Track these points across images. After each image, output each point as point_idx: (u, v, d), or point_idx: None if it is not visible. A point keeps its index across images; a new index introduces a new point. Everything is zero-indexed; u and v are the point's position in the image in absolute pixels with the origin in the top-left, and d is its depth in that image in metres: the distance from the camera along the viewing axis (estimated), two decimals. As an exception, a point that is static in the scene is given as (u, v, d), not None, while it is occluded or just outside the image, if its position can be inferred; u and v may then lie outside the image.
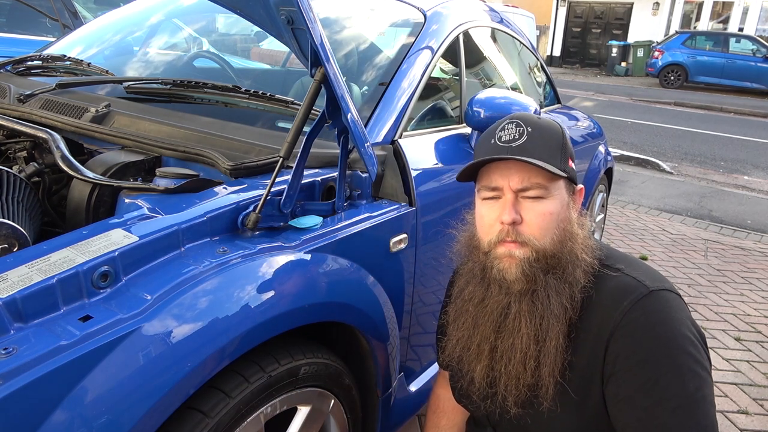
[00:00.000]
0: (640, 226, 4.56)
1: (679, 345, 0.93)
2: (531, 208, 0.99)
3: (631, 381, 0.93)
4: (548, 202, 1.00)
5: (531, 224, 0.99)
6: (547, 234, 0.99)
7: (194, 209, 1.03)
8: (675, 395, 0.90)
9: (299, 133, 1.13)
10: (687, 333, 0.94)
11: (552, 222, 0.99)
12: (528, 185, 0.99)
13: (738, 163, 7.33)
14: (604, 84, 15.60)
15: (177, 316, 0.87)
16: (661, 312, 0.95)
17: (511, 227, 0.99)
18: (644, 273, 1.01)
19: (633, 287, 0.98)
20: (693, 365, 0.92)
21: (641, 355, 0.93)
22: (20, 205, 1.12)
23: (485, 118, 1.66)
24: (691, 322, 0.97)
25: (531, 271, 0.99)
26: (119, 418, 0.78)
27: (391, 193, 1.42)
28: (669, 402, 0.90)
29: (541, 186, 0.99)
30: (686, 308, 0.99)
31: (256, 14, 1.28)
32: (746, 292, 3.43)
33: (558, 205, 1.00)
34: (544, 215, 0.99)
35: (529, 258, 0.99)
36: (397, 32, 1.87)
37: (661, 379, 0.91)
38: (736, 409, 2.27)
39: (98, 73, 1.76)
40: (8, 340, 0.75)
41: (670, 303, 0.97)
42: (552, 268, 1.00)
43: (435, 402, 1.36)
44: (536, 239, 0.99)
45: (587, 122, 3.22)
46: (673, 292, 0.99)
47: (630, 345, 0.94)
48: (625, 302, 0.96)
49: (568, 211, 1.03)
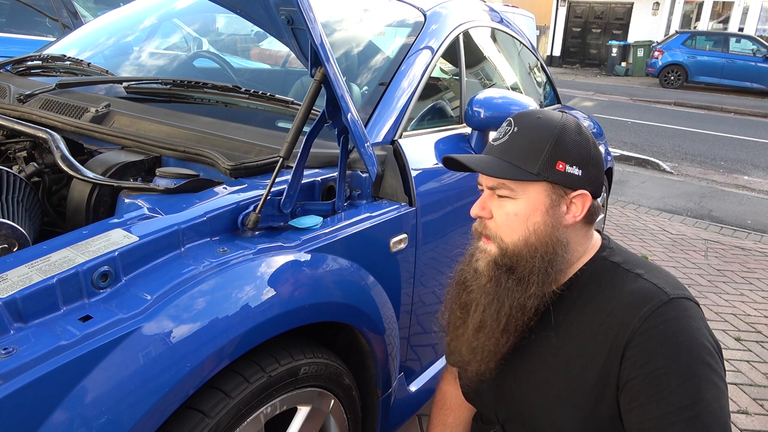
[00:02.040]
0: (640, 226, 4.56)
1: (697, 354, 0.92)
2: (499, 207, 1.04)
3: (647, 388, 0.93)
4: (515, 203, 1.02)
5: (497, 222, 1.04)
6: (512, 234, 1.02)
7: (194, 209, 1.03)
8: (691, 404, 0.89)
9: (299, 133, 1.13)
10: (705, 343, 0.93)
11: (517, 223, 1.01)
12: (495, 184, 1.03)
13: (738, 163, 7.33)
14: (604, 84, 15.60)
15: (177, 316, 0.87)
16: (680, 320, 0.94)
17: (479, 221, 1.06)
18: (664, 280, 1.00)
19: (653, 294, 0.97)
20: (710, 375, 0.91)
21: (659, 362, 0.92)
22: (20, 205, 1.12)
23: (485, 118, 1.67)
24: (709, 331, 0.96)
25: (495, 266, 1.03)
26: (119, 418, 0.78)
27: (391, 193, 1.42)
28: (685, 411, 0.89)
29: (508, 187, 1.02)
30: (704, 317, 0.98)
31: (256, 14, 1.28)
32: (746, 292, 3.43)
33: (526, 208, 1.01)
34: (508, 215, 1.02)
35: (495, 254, 1.04)
36: (397, 32, 1.87)
37: (678, 387, 0.90)
38: (736, 409, 2.27)
39: (98, 73, 1.76)
40: (8, 340, 0.75)
41: (690, 312, 0.96)
42: (515, 268, 1.02)
43: (441, 399, 1.35)
44: (500, 237, 1.03)
45: (587, 122, 3.22)
46: (692, 301, 0.98)
47: (648, 352, 0.93)
48: (645, 308, 0.95)
49: (546, 215, 1.01)
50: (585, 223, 1.06)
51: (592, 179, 1.03)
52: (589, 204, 1.03)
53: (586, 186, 1.02)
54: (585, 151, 1.02)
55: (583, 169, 1.01)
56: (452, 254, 1.61)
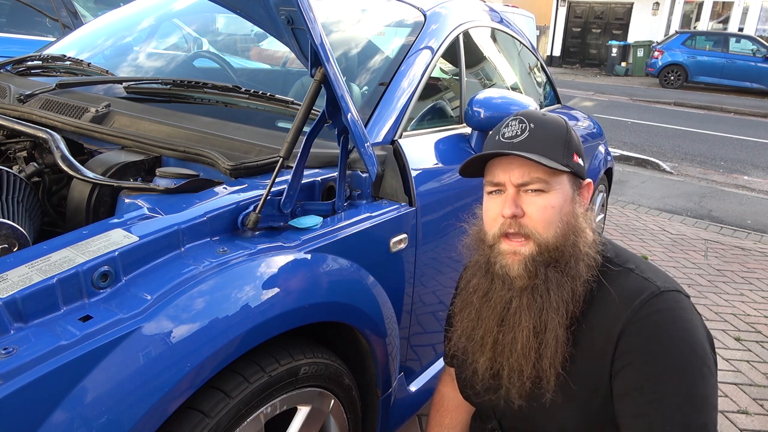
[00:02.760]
0: (640, 226, 4.56)
1: (687, 345, 0.94)
2: (533, 202, 1.02)
3: (637, 376, 0.95)
4: (550, 195, 1.02)
5: (533, 217, 1.02)
6: (549, 227, 1.01)
7: (194, 209, 1.03)
8: (679, 393, 0.91)
9: (299, 133, 1.13)
10: (696, 334, 0.95)
11: (554, 215, 1.02)
12: (528, 180, 1.02)
13: (738, 163, 7.33)
14: (604, 84, 15.59)
15: (177, 316, 0.87)
16: (671, 311, 0.96)
17: (513, 220, 1.02)
18: (655, 274, 1.03)
19: (644, 287, 0.99)
20: (700, 365, 0.93)
21: (649, 352, 0.94)
22: (20, 205, 1.12)
23: (485, 118, 1.67)
24: (701, 323, 0.98)
25: (533, 266, 1.01)
26: (119, 418, 0.78)
27: (391, 193, 1.42)
28: (673, 398, 0.91)
29: (542, 180, 1.01)
30: (695, 310, 1.00)
31: (256, 14, 1.28)
32: (746, 292, 3.43)
33: (560, 199, 1.02)
34: (546, 208, 1.01)
35: (532, 253, 1.01)
36: (397, 32, 1.87)
37: (668, 376, 0.92)
38: (736, 409, 2.27)
39: (98, 73, 1.76)
40: (8, 340, 0.75)
41: (681, 303, 0.98)
42: (554, 261, 1.01)
43: (439, 400, 1.36)
44: (539, 232, 1.01)
45: (587, 122, 3.23)
46: (683, 293, 1.00)
47: (639, 342, 0.96)
48: (637, 301, 0.98)
49: (572, 205, 1.04)
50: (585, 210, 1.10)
51: (587, 169, 1.11)
52: (592, 191, 1.09)
53: (587, 175, 1.09)
54: (581, 145, 1.10)
55: (584, 160, 1.09)
56: (452, 254, 1.62)
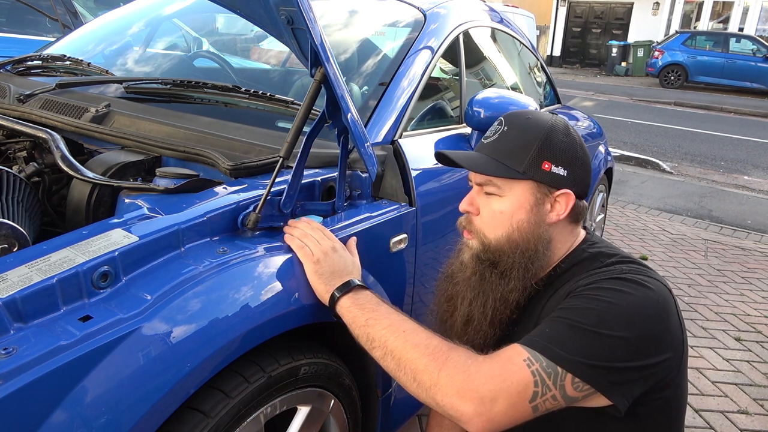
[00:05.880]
0: (640, 226, 4.56)
1: (616, 305, 0.90)
2: (486, 204, 1.08)
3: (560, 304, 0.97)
4: (502, 200, 1.05)
5: (483, 218, 1.08)
6: (495, 230, 1.06)
7: (194, 209, 1.03)
8: (581, 318, 0.90)
9: (299, 133, 1.13)
10: (649, 305, 0.91)
11: (503, 220, 1.05)
12: (483, 181, 1.07)
13: (738, 163, 7.33)
14: (604, 84, 15.60)
15: (177, 316, 0.87)
16: (621, 274, 0.96)
17: (466, 217, 1.10)
18: (639, 269, 1.00)
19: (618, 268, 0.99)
20: (617, 329, 0.88)
21: (584, 288, 0.96)
22: (20, 205, 1.12)
23: (485, 118, 1.66)
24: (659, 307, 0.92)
25: (474, 261, 1.08)
26: (119, 418, 0.78)
27: (391, 193, 1.42)
28: (571, 318, 0.90)
29: (495, 184, 1.05)
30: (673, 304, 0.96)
31: (256, 14, 1.28)
32: (746, 292, 3.43)
33: (513, 206, 1.04)
34: (494, 212, 1.06)
35: (477, 249, 1.08)
36: (397, 32, 1.87)
37: (583, 306, 0.92)
38: (736, 409, 2.27)
39: (98, 73, 1.76)
40: (8, 340, 0.75)
41: (637, 276, 0.96)
42: (492, 264, 1.06)
43: None
44: (483, 233, 1.08)
45: (587, 122, 3.23)
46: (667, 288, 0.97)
47: (572, 298, 0.96)
48: (600, 271, 1.00)
49: (530, 214, 1.04)
50: (570, 221, 1.09)
51: (577, 180, 1.06)
52: (573, 203, 1.06)
53: (571, 186, 1.05)
54: (571, 152, 1.05)
55: (569, 169, 1.05)
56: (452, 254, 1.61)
